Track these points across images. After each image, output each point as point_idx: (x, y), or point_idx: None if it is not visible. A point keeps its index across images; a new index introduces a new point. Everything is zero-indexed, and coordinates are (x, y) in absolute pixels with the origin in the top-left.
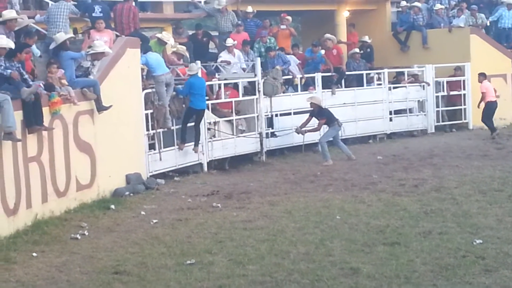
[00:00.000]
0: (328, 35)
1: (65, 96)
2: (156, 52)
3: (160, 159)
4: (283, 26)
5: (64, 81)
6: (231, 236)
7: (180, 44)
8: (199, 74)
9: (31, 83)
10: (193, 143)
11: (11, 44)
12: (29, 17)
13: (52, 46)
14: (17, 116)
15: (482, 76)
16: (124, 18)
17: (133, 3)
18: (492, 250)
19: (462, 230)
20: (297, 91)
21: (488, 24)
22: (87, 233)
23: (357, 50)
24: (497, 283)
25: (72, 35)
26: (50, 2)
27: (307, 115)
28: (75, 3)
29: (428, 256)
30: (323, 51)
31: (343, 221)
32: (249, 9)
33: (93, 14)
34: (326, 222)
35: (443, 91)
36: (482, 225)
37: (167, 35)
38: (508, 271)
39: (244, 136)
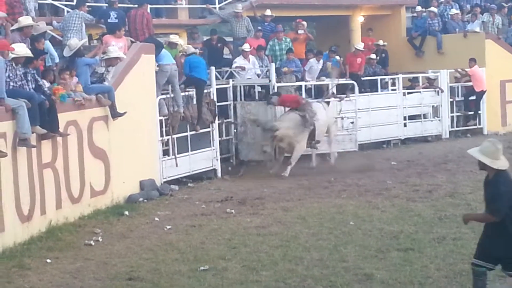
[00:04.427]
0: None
1: (79, 101)
2: None
3: (176, 165)
4: (300, 31)
5: (79, 87)
6: (245, 242)
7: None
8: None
9: (45, 88)
10: (203, 149)
11: (29, 53)
12: (46, 24)
13: (66, 52)
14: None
15: (473, 62)
16: (138, 24)
17: (148, 9)
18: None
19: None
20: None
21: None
22: (101, 239)
23: (373, 56)
24: None
25: (85, 40)
26: (66, 9)
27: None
28: (90, 9)
29: (442, 262)
30: (337, 57)
31: (356, 227)
32: (268, 12)
33: (109, 20)
34: (340, 228)
35: (458, 96)
36: None
37: (175, 38)
38: None
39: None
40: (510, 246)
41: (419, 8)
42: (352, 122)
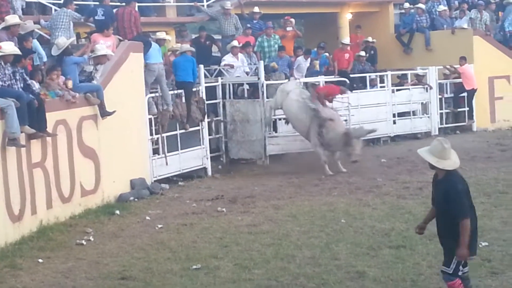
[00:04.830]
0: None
1: (69, 100)
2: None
3: (167, 163)
4: (289, 28)
5: (69, 85)
6: (237, 241)
7: None
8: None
9: (34, 88)
10: (193, 148)
11: (17, 50)
12: (33, 22)
13: (54, 51)
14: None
15: (464, 60)
16: (126, 22)
17: (136, 7)
18: (497, 252)
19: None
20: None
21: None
22: (92, 239)
23: (362, 53)
24: (503, 286)
25: (73, 39)
26: (54, 8)
27: None
28: (77, 7)
29: (434, 259)
30: (327, 54)
31: (348, 225)
32: (256, 9)
33: (96, 17)
34: (331, 225)
35: (447, 93)
36: (487, 227)
37: (162, 34)
38: None
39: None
40: (454, 242)
41: (407, 4)
42: (346, 120)
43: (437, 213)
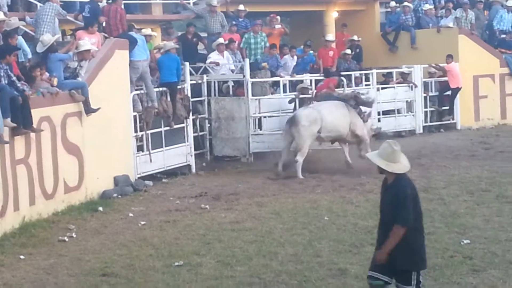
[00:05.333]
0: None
1: (53, 94)
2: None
3: (151, 160)
4: (277, 26)
5: (54, 82)
6: (219, 238)
7: None
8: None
9: (18, 85)
10: (178, 145)
11: None
12: (18, 19)
13: (39, 48)
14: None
15: (450, 58)
16: (111, 19)
17: (122, 5)
18: (479, 250)
19: (449, 230)
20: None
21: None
22: (75, 235)
23: (348, 51)
24: (484, 283)
25: (59, 35)
26: (39, 4)
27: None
28: (62, 3)
29: None
30: (313, 52)
31: (331, 222)
32: (241, 7)
33: (83, 14)
34: (314, 223)
35: (432, 91)
36: (469, 225)
37: (147, 30)
38: (495, 271)
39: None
40: (407, 258)
41: (393, 3)
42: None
43: (382, 221)
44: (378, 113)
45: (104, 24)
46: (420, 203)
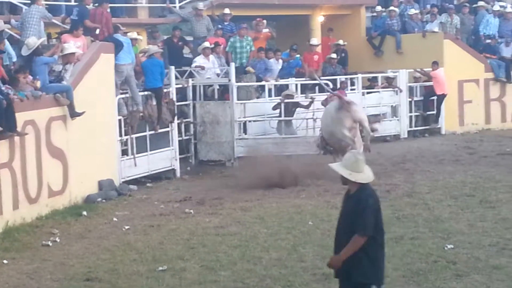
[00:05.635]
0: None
1: (37, 97)
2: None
3: (135, 165)
4: (265, 30)
5: (38, 85)
6: (203, 242)
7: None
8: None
9: (2, 88)
10: (162, 149)
11: None
12: (3, 22)
13: (24, 51)
14: None
15: (436, 65)
16: (97, 23)
17: (108, 9)
18: (463, 255)
19: (433, 235)
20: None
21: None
22: (58, 240)
23: (333, 55)
24: None
25: (44, 39)
26: (24, 7)
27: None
28: (47, 6)
29: (400, 262)
30: (299, 55)
31: (315, 227)
32: (227, 11)
33: (71, 17)
34: (299, 227)
35: (417, 96)
36: (453, 230)
37: (133, 34)
38: (479, 276)
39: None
40: (366, 269)
41: (379, 8)
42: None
43: (339, 232)
44: None
45: (97, 31)
46: (381, 218)
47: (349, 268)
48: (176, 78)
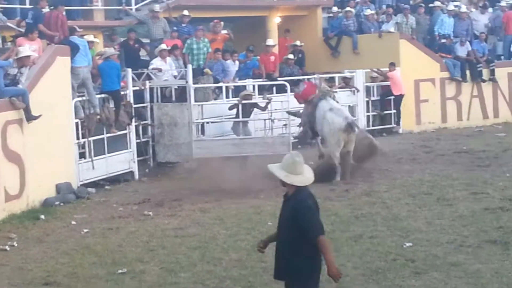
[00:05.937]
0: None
1: None
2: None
3: (93, 167)
4: (224, 31)
5: None
6: (163, 244)
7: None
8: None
9: None
10: (120, 151)
11: None
12: None
13: None
14: None
15: (393, 66)
16: (52, 26)
17: (63, 12)
18: (421, 252)
19: (392, 233)
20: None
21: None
22: (16, 244)
23: (290, 56)
24: (426, 285)
25: None
26: None
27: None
28: (2, 10)
29: (359, 260)
30: (258, 57)
31: (274, 227)
32: (185, 12)
33: (26, 20)
34: (258, 228)
35: (374, 96)
36: (411, 228)
37: (90, 37)
38: (437, 273)
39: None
40: (301, 266)
41: (335, 8)
42: (285, 124)
43: (280, 236)
44: None
45: (56, 39)
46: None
47: (288, 270)
48: (133, 80)
